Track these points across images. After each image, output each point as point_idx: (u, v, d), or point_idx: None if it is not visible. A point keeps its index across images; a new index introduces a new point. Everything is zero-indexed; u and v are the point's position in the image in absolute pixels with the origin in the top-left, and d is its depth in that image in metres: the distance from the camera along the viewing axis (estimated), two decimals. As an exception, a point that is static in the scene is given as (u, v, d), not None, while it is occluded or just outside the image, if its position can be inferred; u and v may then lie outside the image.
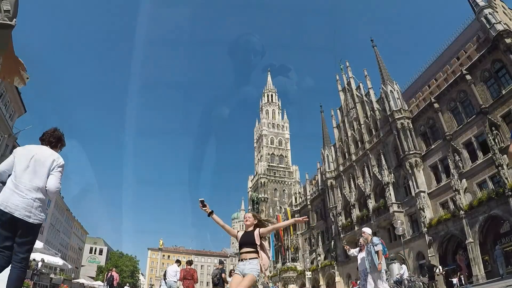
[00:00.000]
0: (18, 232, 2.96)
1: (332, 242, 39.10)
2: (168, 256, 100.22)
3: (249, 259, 3.83)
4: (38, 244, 17.83)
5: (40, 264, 17.52)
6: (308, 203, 47.15)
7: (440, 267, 20.53)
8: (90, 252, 73.70)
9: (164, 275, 11.29)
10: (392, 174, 30.63)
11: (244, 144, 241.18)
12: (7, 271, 2.84)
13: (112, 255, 72.46)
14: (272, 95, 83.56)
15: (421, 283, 15.71)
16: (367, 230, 8.07)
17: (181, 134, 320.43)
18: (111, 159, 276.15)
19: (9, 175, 3.10)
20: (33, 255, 18.50)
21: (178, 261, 11.12)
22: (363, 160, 35.90)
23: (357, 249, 8.35)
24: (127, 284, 45.63)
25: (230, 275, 11.45)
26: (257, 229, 4.03)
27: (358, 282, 27.38)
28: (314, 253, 43.26)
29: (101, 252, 76.49)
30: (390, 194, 29.64)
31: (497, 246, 19.32)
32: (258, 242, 3.90)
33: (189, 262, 10.55)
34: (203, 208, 4.18)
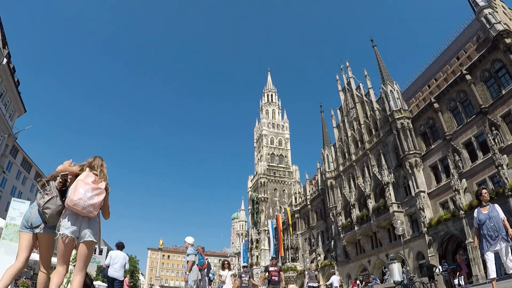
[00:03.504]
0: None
1: (332, 242, 39.11)
2: (168, 256, 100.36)
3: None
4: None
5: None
6: (308, 203, 47.13)
7: (440, 267, 20.52)
8: (90, 252, 73.64)
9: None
10: (392, 174, 30.61)
11: (244, 144, 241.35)
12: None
13: (112, 255, 72.20)
14: (272, 95, 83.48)
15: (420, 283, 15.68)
16: (187, 240, 8.17)
17: (181, 134, 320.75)
18: (111, 158, 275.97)
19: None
20: (32, 255, 18.52)
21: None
22: (363, 160, 35.88)
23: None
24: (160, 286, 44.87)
25: (224, 268, 10.23)
26: None
27: (357, 282, 27.35)
28: (314, 253, 43.24)
29: (101, 252, 76.30)
30: (390, 194, 29.63)
31: None
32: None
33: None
34: None
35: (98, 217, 3.28)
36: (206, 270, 9.14)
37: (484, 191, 5.69)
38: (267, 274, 10.21)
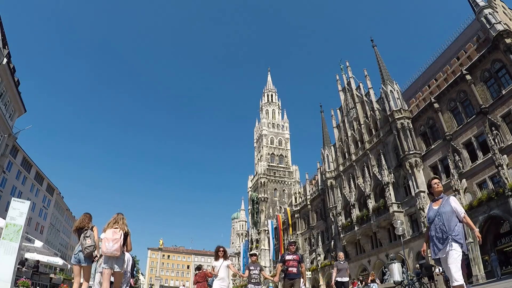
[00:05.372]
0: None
1: (332, 242, 39.09)
2: (168, 256, 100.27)
3: None
4: (38, 244, 17.82)
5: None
6: (308, 203, 47.12)
7: (440, 267, 20.51)
8: (90, 252, 73.48)
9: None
10: (392, 174, 30.61)
11: (244, 144, 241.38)
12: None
13: (112, 255, 72.16)
14: (272, 95, 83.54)
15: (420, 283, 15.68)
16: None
17: (181, 134, 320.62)
18: (111, 159, 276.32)
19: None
20: (32, 255, 18.54)
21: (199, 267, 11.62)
22: (363, 160, 35.88)
23: None
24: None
25: (217, 257, 8.61)
26: None
27: (358, 283, 27.33)
28: (314, 253, 43.25)
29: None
30: (390, 194, 29.63)
31: (492, 254, 20.11)
32: None
33: (199, 267, 11.12)
34: None
35: (123, 252, 5.55)
36: (128, 266, 9.07)
37: (434, 181, 4.24)
38: (283, 265, 7.78)
